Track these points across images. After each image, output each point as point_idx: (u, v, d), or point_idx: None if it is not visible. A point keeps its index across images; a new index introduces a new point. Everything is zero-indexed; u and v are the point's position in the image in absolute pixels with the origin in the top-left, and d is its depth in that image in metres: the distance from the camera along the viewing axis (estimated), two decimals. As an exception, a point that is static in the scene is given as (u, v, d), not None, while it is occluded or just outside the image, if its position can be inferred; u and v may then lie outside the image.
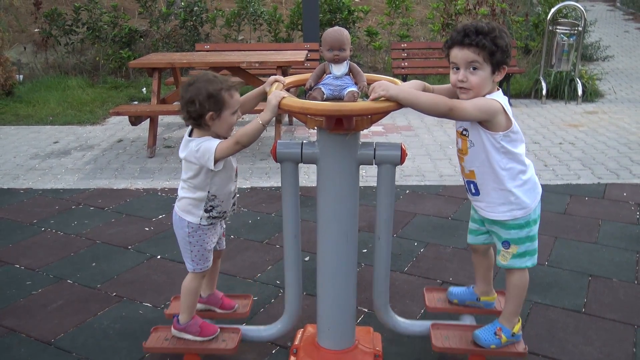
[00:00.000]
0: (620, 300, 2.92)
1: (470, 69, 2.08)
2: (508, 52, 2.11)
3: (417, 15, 10.78)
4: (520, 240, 2.25)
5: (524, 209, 2.22)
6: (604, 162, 5.12)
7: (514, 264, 2.27)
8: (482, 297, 2.57)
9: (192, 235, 2.32)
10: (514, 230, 2.24)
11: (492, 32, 2.06)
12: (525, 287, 2.32)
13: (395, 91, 1.97)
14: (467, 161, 2.23)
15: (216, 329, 2.42)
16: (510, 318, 2.35)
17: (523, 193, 2.21)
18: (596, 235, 3.68)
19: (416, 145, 5.67)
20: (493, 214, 2.25)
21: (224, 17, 8.91)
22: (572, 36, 7.60)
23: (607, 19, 16.09)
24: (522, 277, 2.30)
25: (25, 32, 9.55)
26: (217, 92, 2.13)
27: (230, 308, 2.62)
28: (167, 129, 6.45)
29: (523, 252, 2.26)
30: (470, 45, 2.06)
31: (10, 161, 5.35)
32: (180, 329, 2.41)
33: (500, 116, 2.11)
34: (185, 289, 2.39)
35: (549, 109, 7.26)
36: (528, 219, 2.24)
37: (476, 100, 2.09)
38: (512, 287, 2.33)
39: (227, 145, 2.14)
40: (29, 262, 3.39)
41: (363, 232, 3.56)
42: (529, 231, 2.25)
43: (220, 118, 2.16)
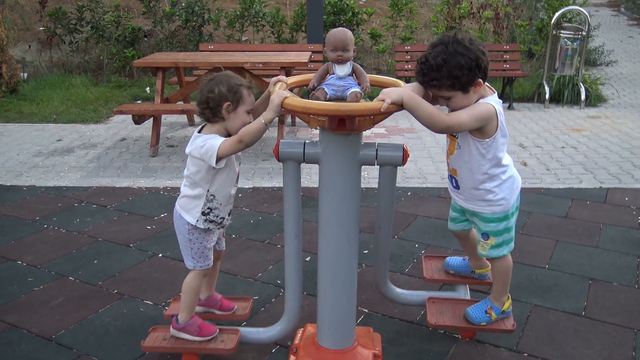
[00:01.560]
0: (621, 304, 2.92)
1: (444, 99, 2.14)
2: (474, 70, 2.06)
3: (421, 18, 10.78)
4: (498, 232, 2.37)
5: (502, 205, 2.33)
6: (606, 167, 5.12)
7: (492, 253, 2.41)
8: (476, 270, 2.73)
9: (192, 233, 2.34)
10: (493, 223, 2.36)
11: (441, 68, 2.03)
12: (509, 268, 2.46)
13: (396, 96, 1.98)
14: (452, 160, 2.34)
15: (215, 329, 2.43)
16: (499, 297, 2.50)
17: (501, 191, 2.32)
18: (597, 239, 3.68)
19: (418, 147, 5.68)
20: (472, 206, 2.38)
21: (227, 18, 8.93)
22: (576, 41, 7.60)
23: (611, 24, 16.08)
24: (503, 262, 2.43)
25: (30, 31, 9.58)
26: (237, 87, 2.21)
27: (230, 310, 2.63)
28: (170, 129, 6.46)
29: (500, 243, 2.39)
30: (429, 85, 2.10)
31: (13, 158, 5.37)
32: (179, 329, 2.41)
33: (493, 121, 2.16)
34: (186, 288, 2.40)
35: (551, 113, 7.26)
36: (506, 213, 2.35)
37: (471, 109, 2.12)
38: (496, 272, 2.49)
39: (230, 143, 2.16)
40: (31, 259, 3.40)
41: (364, 233, 3.56)
42: (507, 223, 2.36)
43: (235, 112, 2.21)
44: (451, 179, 2.41)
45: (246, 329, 2.50)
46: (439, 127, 2.08)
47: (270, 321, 2.73)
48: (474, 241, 2.59)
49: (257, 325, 2.68)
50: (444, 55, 2.04)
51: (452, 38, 2.08)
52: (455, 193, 2.44)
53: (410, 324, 2.76)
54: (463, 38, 2.09)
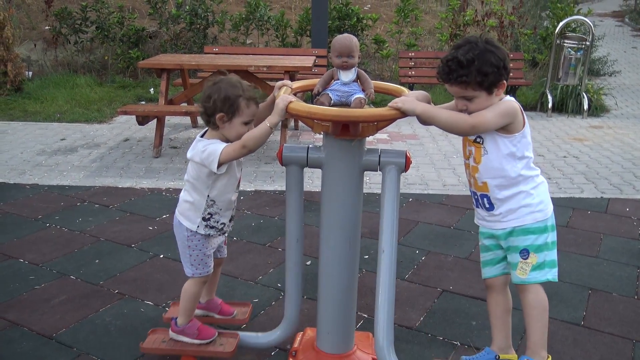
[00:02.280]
0: (620, 315, 2.93)
1: (465, 99, 2.06)
2: (501, 70, 2.01)
3: (426, 25, 10.82)
4: (539, 248, 2.13)
5: (542, 211, 2.13)
6: (607, 177, 5.13)
7: (534, 277, 2.12)
8: (501, 356, 2.29)
9: (191, 239, 2.32)
10: (533, 235, 2.12)
11: (473, 63, 1.97)
12: (546, 307, 2.13)
13: (409, 107, 1.98)
14: (481, 171, 2.14)
15: (214, 332, 2.42)
16: (537, 350, 2.12)
17: (540, 194, 2.14)
18: (597, 249, 3.69)
19: (421, 153, 5.69)
20: (512, 221, 2.13)
21: (232, 21, 8.97)
22: (580, 50, 7.62)
23: (615, 34, 16.11)
24: (538, 294, 2.12)
25: (36, 30, 9.62)
26: (235, 97, 2.14)
27: (229, 314, 2.64)
28: (174, 130, 6.48)
29: (542, 263, 2.12)
30: (456, 82, 2.02)
31: (17, 157, 5.39)
32: (178, 331, 2.41)
33: (519, 116, 2.08)
34: (185, 294, 2.39)
35: (554, 122, 7.28)
36: (546, 223, 2.14)
37: (495, 107, 2.04)
38: (529, 309, 2.13)
39: (234, 149, 2.15)
40: (33, 257, 3.42)
41: (365, 238, 3.57)
42: (547, 237, 2.14)
43: (230, 123, 2.17)
44: (482, 200, 2.17)
45: (245, 333, 2.49)
46: (463, 128, 2.02)
47: (270, 324, 2.74)
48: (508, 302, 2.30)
49: (257, 329, 2.69)
50: (475, 51, 1.98)
51: (480, 37, 2.05)
52: (489, 218, 2.19)
53: (410, 330, 2.76)
54: (490, 38, 2.08)
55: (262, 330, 2.64)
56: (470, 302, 3.01)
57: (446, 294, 3.08)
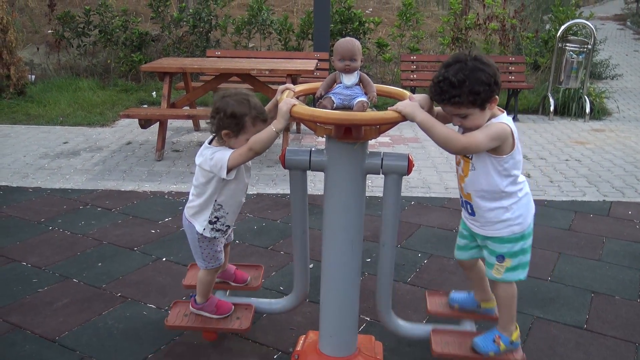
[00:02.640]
0: (622, 318, 2.93)
1: (459, 118, 2.08)
2: (492, 86, 2.01)
3: (428, 28, 10.83)
4: (515, 254, 2.27)
5: (520, 224, 2.25)
6: (609, 180, 5.13)
7: (507, 277, 2.29)
8: (482, 304, 2.59)
9: (202, 240, 2.41)
10: (509, 243, 2.26)
11: (464, 84, 1.98)
12: (514, 295, 2.34)
13: (410, 111, 1.99)
14: (466, 183, 2.24)
15: (231, 306, 2.60)
16: (506, 327, 2.38)
17: (518, 208, 2.23)
18: (600, 252, 3.69)
19: (422, 157, 5.69)
20: (490, 232, 2.27)
21: (234, 25, 8.99)
22: (582, 54, 7.63)
23: (616, 38, 16.11)
24: (509, 288, 2.33)
25: (39, 33, 9.65)
26: (241, 116, 2.18)
27: (243, 282, 2.78)
28: (176, 133, 6.50)
29: (516, 266, 2.28)
30: (448, 103, 2.04)
31: (20, 160, 5.40)
32: (198, 308, 2.58)
33: (509, 140, 2.10)
34: (200, 281, 2.53)
35: (556, 126, 7.28)
36: (524, 232, 2.26)
37: (487, 129, 2.07)
38: (501, 299, 2.36)
39: (240, 153, 2.19)
40: (36, 260, 3.42)
41: (367, 242, 3.57)
42: (524, 244, 2.28)
43: (236, 139, 2.23)
44: (466, 205, 2.32)
45: (259, 301, 2.71)
46: (456, 148, 2.06)
47: (273, 328, 2.76)
48: (480, 271, 2.51)
49: (260, 333, 2.71)
50: (465, 71, 1.99)
51: (469, 55, 2.04)
52: (471, 220, 2.34)
53: (412, 333, 2.76)
54: (479, 55, 2.08)
55: (265, 335, 2.65)
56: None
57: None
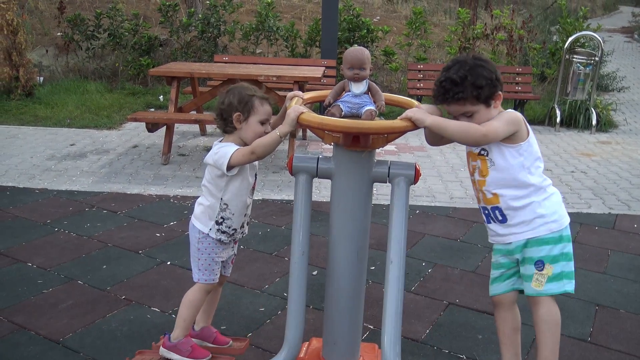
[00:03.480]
0: (627, 332, 2.92)
1: (466, 117, 2.09)
2: (494, 82, 2.04)
3: (435, 37, 10.85)
4: (555, 258, 2.09)
5: (557, 221, 2.11)
6: (615, 193, 5.11)
7: (550, 288, 2.07)
8: None
9: (202, 242, 2.34)
10: (549, 245, 2.09)
11: (466, 79, 2.01)
12: (558, 321, 2.10)
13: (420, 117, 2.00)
14: (488, 184, 2.12)
15: (208, 354, 2.35)
16: None
17: (552, 204, 2.12)
18: (605, 265, 3.67)
19: (428, 166, 5.70)
20: (526, 233, 2.11)
21: (242, 30, 9.03)
22: (589, 66, 7.62)
23: (624, 50, 16.10)
24: (551, 308, 2.09)
25: (48, 36, 9.72)
26: (249, 97, 2.24)
27: (224, 344, 2.52)
28: (183, 137, 6.52)
29: (559, 274, 2.08)
30: (453, 101, 2.06)
31: (27, 161, 5.43)
32: (169, 347, 2.34)
33: (522, 125, 2.10)
34: (186, 300, 2.36)
35: (562, 137, 7.27)
36: (562, 233, 2.12)
37: (499, 117, 2.07)
38: (541, 323, 2.09)
39: (243, 153, 2.20)
40: (41, 261, 3.44)
41: (371, 250, 3.57)
42: (563, 247, 2.11)
43: (247, 122, 2.24)
44: (494, 212, 2.14)
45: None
46: (476, 137, 2.02)
47: (276, 334, 2.75)
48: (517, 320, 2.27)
49: (263, 338, 2.71)
50: (465, 67, 2.03)
51: (468, 55, 2.11)
52: (504, 230, 2.15)
53: (415, 342, 2.76)
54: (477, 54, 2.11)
55: (268, 342, 2.65)
56: (476, 315, 3.00)
57: (452, 307, 3.08)
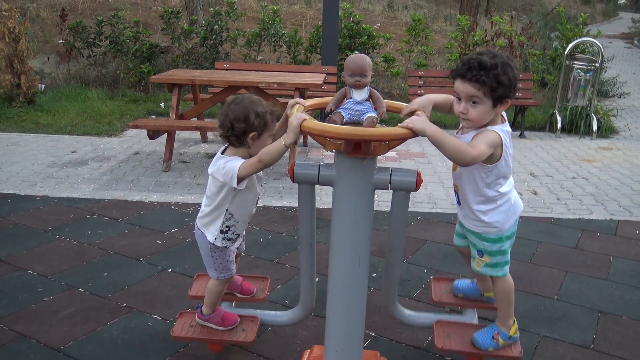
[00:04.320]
0: (630, 339, 2.90)
1: (471, 102, 2.14)
2: (512, 87, 2.12)
3: (435, 44, 10.88)
4: (492, 253, 2.38)
5: (495, 228, 2.34)
6: (616, 199, 5.11)
7: (486, 271, 2.41)
8: (485, 293, 2.70)
9: (214, 250, 2.42)
10: (487, 242, 2.38)
11: (495, 68, 2.08)
12: (511, 290, 2.44)
13: (420, 126, 2.01)
14: (455, 175, 2.38)
15: (236, 318, 2.60)
16: (504, 322, 2.48)
17: (495, 214, 2.32)
18: (607, 271, 3.66)
19: (429, 172, 5.69)
20: (468, 224, 2.41)
21: (245, 37, 9.06)
22: (589, 72, 7.63)
23: (624, 56, 16.13)
24: (503, 282, 2.43)
25: (50, 43, 9.75)
26: (264, 114, 2.24)
27: (250, 293, 2.78)
28: (184, 144, 6.53)
29: (495, 263, 2.39)
30: (471, 81, 2.10)
31: (28, 168, 5.43)
32: (204, 319, 2.58)
33: (498, 149, 2.19)
34: (209, 291, 2.53)
35: (563, 143, 7.27)
36: (501, 236, 2.35)
37: (484, 137, 2.15)
38: (497, 294, 2.47)
39: (251, 164, 2.21)
40: (42, 269, 3.43)
41: (373, 257, 3.56)
42: (501, 246, 2.37)
43: (260, 139, 2.26)
44: (455, 194, 2.46)
45: (264, 313, 2.72)
46: (466, 160, 2.10)
47: (278, 341, 2.75)
48: None
49: (265, 344, 2.70)
50: (500, 59, 2.09)
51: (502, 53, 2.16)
52: (458, 208, 2.47)
53: (417, 350, 2.75)
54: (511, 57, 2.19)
55: (270, 348, 2.65)
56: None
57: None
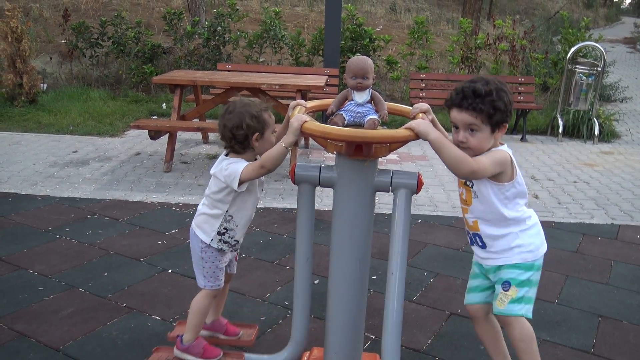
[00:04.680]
0: (630, 344, 2.90)
1: (469, 130, 2.09)
2: (508, 111, 2.09)
3: (437, 47, 10.88)
4: (521, 283, 2.18)
5: (532, 252, 2.20)
6: (618, 203, 5.10)
7: (511, 309, 2.16)
8: None
9: (205, 251, 2.36)
10: (519, 270, 2.18)
11: (490, 95, 2.04)
12: (533, 338, 2.19)
13: (423, 129, 2.00)
14: (470, 211, 2.22)
15: (219, 352, 2.44)
16: None
17: (530, 237, 2.21)
18: (608, 276, 3.66)
19: (430, 175, 5.69)
20: (503, 259, 2.20)
21: (247, 39, 9.06)
22: (591, 76, 7.63)
23: (626, 61, 16.12)
24: (523, 327, 2.17)
25: (52, 43, 9.76)
26: (259, 113, 2.24)
27: (235, 335, 2.64)
28: (185, 145, 6.53)
29: (521, 297, 2.17)
30: (468, 109, 2.07)
31: (29, 167, 5.44)
32: (183, 349, 2.42)
33: (509, 167, 2.14)
34: (194, 307, 2.41)
35: (564, 147, 7.26)
36: (535, 262, 2.21)
37: (491, 155, 2.11)
38: (517, 342, 2.18)
39: (253, 168, 2.21)
40: (42, 268, 3.43)
41: (373, 259, 3.56)
42: (531, 275, 2.20)
43: (263, 138, 2.25)
44: (475, 238, 2.25)
45: (251, 355, 2.48)
46: (465, 171, 2.06)
47: (277, 343, 2.74)
48: (495, 328, 2.37)
49: (264, 348, 2.69)
50: (492, 85, 2.06)
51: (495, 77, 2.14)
52: (483, 255, 2.26)
53: (417, 353, 2.74)
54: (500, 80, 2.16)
55: (269, 350, 2.64)
56: None
57: (454, 317, 3.06)
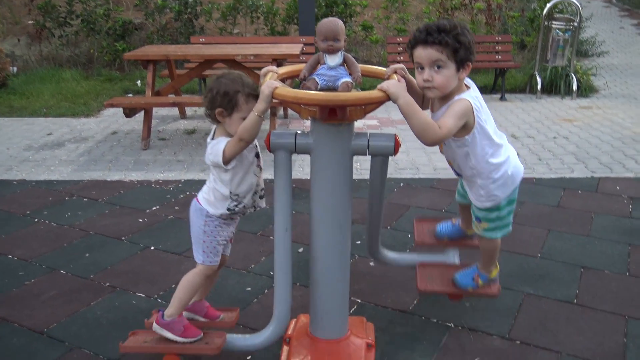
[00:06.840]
0: (612, 292, 2.94)
1: (435, 67, 2.09)
2: (471, 49, 2.11)
3: (413, 10, 10.77)
4: (490, 220, 2.43)
5: (493, 201, 2.37)
6: (597, 157, 5.14)
7: (486, 234, 2.47)
8: (468, 230, 2.80)
9: (208, 224, 2.30)
10: (484, 212, 2.42)
11: (454, 30, 2.07)
12: (496, 247, 2.53)
13: (394, 92, 1.96)
14: (445, 153, 2.41)
15: (200, 332, 2.32)
16: (486, 267, 2.60)
17: (493, 189, 2.33)
18: (589, 228, 3.70)
19: (411, 138, 5.62)
20: (471, 196, 2.44)
21: (220, 10, 8.89)
22: (568, 32, 7.61)
23: (602, 15, 16.11)
24: (490, 242, 2.50)
25: (19, 24, 9.50)
26: (234, 93, 2.14)
27: (215, 318, 2.53)
28: (162, 122, 6.43)
29: (493, 228, 2.44)
30: (434, 44, 2.06)
31: (3, 152, 5.33)
32: (163, 325, 2.31)
33: (470, 117, 2.15)
34: (185, 282, 2.33)
35: (543, 104, 7.28)
36: (499, 205, 2.38)
37: (452, 111, 2.10)
38: (484, 249, 2.56)
39: (233, 144, 2.15)
40: (22, 253, 3.38)
41: (356, 224, 3.56)
42: (498, 214, 2.40)
43: (230, 118, 2.18)
44: (452, 167, 2.48)
45: (232, 335, 2.38)
46: (430, 139, 2.05)
47: (263, 312, 2.74)
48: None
49: (250, 318, 2.70)
50: (454, 23, 2.09)
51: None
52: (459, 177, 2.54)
53: (403, 313, 2.76)
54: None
55: (255, 320, 2.64)
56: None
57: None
